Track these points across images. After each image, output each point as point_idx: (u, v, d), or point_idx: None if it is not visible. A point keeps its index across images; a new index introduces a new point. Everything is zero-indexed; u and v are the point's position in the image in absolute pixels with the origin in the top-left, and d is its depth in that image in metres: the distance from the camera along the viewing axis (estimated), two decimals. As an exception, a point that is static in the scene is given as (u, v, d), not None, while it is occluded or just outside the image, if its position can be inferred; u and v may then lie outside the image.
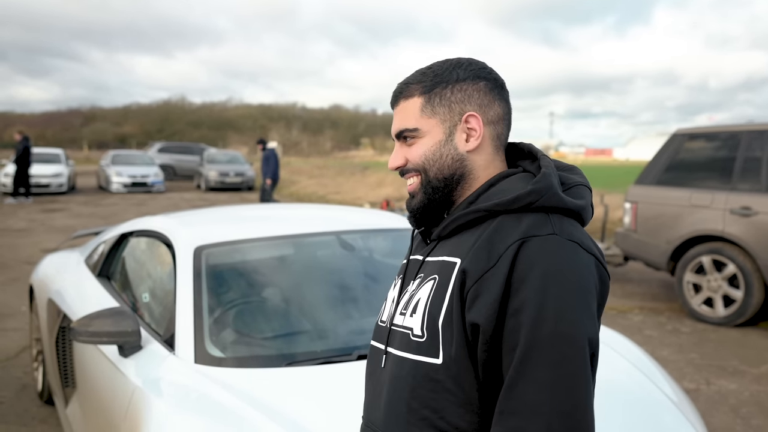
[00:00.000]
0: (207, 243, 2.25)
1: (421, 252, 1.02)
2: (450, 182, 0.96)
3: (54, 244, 7.80)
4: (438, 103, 0.95)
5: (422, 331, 0.90)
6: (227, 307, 2.13)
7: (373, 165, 26.47)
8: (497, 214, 0.90)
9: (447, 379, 0.87)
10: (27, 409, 3.19)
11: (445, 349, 0.87)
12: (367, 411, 1.03)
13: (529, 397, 0.79)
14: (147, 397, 1.71)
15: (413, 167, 0.98)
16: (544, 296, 0.81)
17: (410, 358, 0.92)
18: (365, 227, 2.68)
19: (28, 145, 13.87)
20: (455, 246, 0.92)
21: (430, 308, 0.90)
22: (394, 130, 1.00)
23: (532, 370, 0.80)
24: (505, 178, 0.96)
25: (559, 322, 0.80)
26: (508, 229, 0.87)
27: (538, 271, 0.81)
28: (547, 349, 0.79)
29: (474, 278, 0.85)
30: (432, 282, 0.92)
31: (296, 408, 1.59)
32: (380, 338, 1.03)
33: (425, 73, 0.97)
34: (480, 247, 0.87)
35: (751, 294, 4.81)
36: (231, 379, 1.72)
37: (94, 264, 2.95)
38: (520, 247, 0.83)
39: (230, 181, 18.61)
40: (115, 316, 1.96)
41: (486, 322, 0.83)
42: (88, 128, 64.92)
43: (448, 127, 0.95)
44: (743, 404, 3.46)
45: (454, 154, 0.95)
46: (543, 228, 0.85)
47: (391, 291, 1.07)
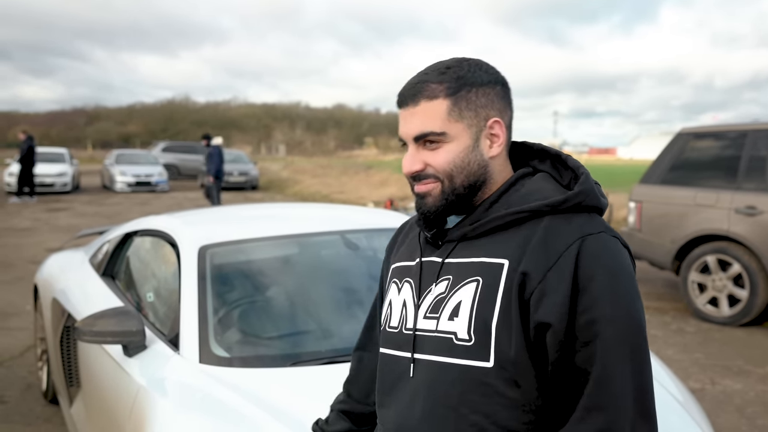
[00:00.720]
0: (211, 242, 2.25)
1: (434, 254, 0.98)
2: (473, 188, 0.94)
3: (58, 244, 7.82)
4: (465, 107, 0.92)
5: (469, 334, 0.88)
6: (232, 306, 2.13)
7: (376, 164, 26.48)
8: (542, 214, 0.90)
9: (499, 381, 0.86)
10: (31, 409, 3.20)
11: (501, 351, 0.86)
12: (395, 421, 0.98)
13: (617, 390, 0.82)
14: (151, 396, 1.71)
15: (435, 174, 0.94)
16: (615, 291, 0.84)
17: (456, 363, 0.89)
18: (369, 226, 2.67)
19: (33, 145, 13.92)
20: (491, 247, 0.91)
21: (479, 311, 0.88)
22: (413, 132, 0.94)
23: (619, 363, 0.82)
24: (522, 179, 0.96)
25: (631, 315, 0.84)
26: (563, 229, 0.88)
27: (603, 267, 0.84)
28: (626, 341, 0.83)
29: (537, 279, 0.85)
30: (474, 284, 0.90)
31: (301, 408, 1.59)
32: (398, 346, 0.99)
33: (445, 73, 0.93)
34: (536, 248, 0.87)
35: (756, 293, 4.79)
36: (236, 379, 1.72)
37: (98, 263, 2.95)
38: (581, 245, 0.85)
39: (234, 181, 18.63)
40: (120, 316, 1.96)
41: (558, 321, 0.83)
42: (92, 127, 65.14)
43: (474, 132, 0.93)
44: (748, 404, 3.45)
45: (480, 160, 0.94)
46: (593, 226, 0.88)
47: (396, 295, 1.03)
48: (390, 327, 1.02)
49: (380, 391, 1.04)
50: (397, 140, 0.99)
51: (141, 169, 17.82)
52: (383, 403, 1.02)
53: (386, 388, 1.01)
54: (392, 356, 1.00)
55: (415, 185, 0.97)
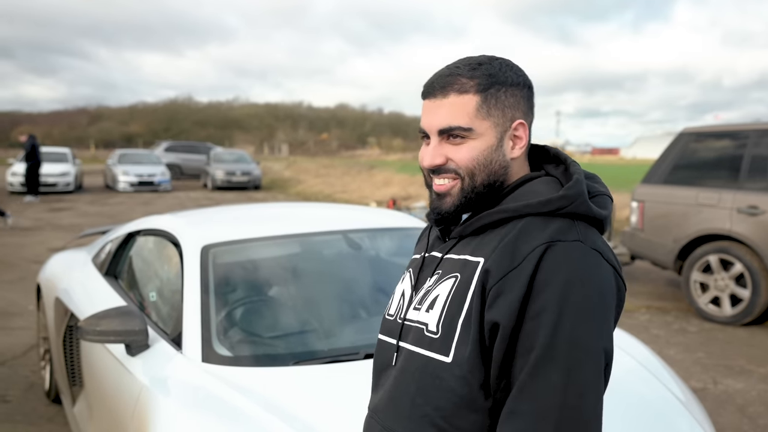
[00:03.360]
0: (214, 242, 2.26)
1: (439, 249, 1.00)
2: (492, 188, 0.93)
3: (61, 243, 7.84)
4: (494, 105, 0.91)
5: (437, 327, 0.90)
6: (234, 306, 2.13)
7: (379, 164, 26.48)
8: (524, 215, 0.89)
9: (452, 378, 0.87)
10: (34, 408, 3.21)
11: (458, 348, 0.87)
12: (373, 402, 1.03)
13: (540, 400, 0.80)
14: (154, 396, 1.71)
15: (456, 169, 0.93)
16: (565, 302, 0.81)
17: (421, 353, 0.91)
18: (372, 226, 2.68)
19: (36, 144, 13.96)
20: (478, 245, 0.91)
21: (450, 306, 0.89)
22: (439, 124, 0.92)
23: (545, 374, 0.80)
24: (529, 181, 0.95)
25: (577, 329, 0.81)
26: (535, 232, 0.86)
27: (561, 276, 0.82)
28: (562, 354, 0.80)
29: (496, 277, 0.85)
30: (453, 280, 0.91)
31: (303, 407, 1.59)
32: (390, 332, 1.02)
33: (477, 69, 0.92)
34: (505, 247, 0.86)
35: (758, 293, 4.78)
36: (238, 378, 1.73)
37: (101, 263, 2.96)
38: (546, 250, 0.83)
39: (237, 180, 18.65)
40: (123, 316, 1.96)
41: (506, 321, 0.82)
42: (94, 127, 65.25)
43: (499, 132, 0.92)
44: (750, 404, 3.44)
45: (502, 160, 0.93)
46: (569, 234, 0.85)
47: (400, 284, 1.06)
48: (388, 315, 1.04)
49: (373, 375, 1.06)
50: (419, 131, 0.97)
51: (144, 168, 17.84)
52: (372, 387, 1.05)
53: (374, 370, 1.05)
54: (382, 341, 1.03)
55: (434, 180, 0.95)
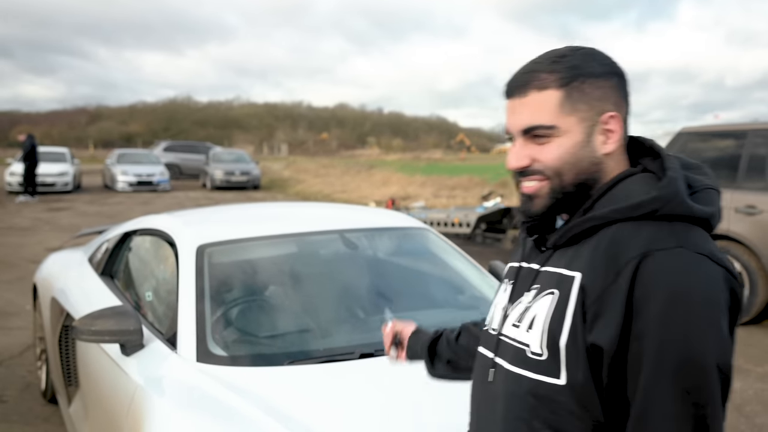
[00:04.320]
0: (209, 242, 2.25)
1: (535, 260, 0.94)
2: (583, 187, 0.87)
3: (59, 243, 7.83)
4: (578, 99, 0.85)
5: (541, 348, 0.85)
6: (230, 305, 2.13)
7: (378, 164, 26.48)
8: (613, 221, 0.82)
9: (571, 401, 0.82)
10: (30, 408, 3.21)
11: (570, 370, 0.82)
12: (476, 421, 0.99)
13: (658, 428, 0.76)
14: (149, 395, 1.71)
15: (543, 170, 0.88)
16: (669, 320, 0.74)
17: (529, 376, 0.86)
18: (369, 226, 2.67)
19: (35, 143, 13.95)
20: (573, 257, 0.85)
21: (551, 326, 0.84)
22: (521, 124, 0.88)
23: (660, 402, 0.75)
24: (624, 179, 0.88)
25: (686, 348, 0.74)
26: (627, 241, 0.79)
27: (662, 290, 0.75)
28: (674, 378, 0.75)
29: (593, 297, 0.79)
30: (551, 297, 0.85)
31: (298, 406, 1.59)
32: (490, 347, 0.98)
33: (557, 62, 0.86)
34: (596, 262, 0.80)
35: (755, 293, 4.78)
36: (233, 378, 1.73)
37: (97, 263, 2.96)
38: (641, 262, 0.76)
39: (236, 180, 18.64)
40: (117, 315, 1.96)
41: (609, 346, 0.77)
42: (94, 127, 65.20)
43: (587, 126, 0.86)
44: (747, 402, 3.44)
45: (592, 157, 0.87)
46: (668, 240, 0.78)
47: (500, 296, 1.01)
48: (492, 329, 1.00)
49: (472, 389, 1.04)
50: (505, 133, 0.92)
51: (142, 168, 17.82)
52: (472, 397, 1.03)
53: (475, 384, 1.02)
54: (484, 357, 0.99)
55: (522, 183, 0.91)
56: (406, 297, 2.41)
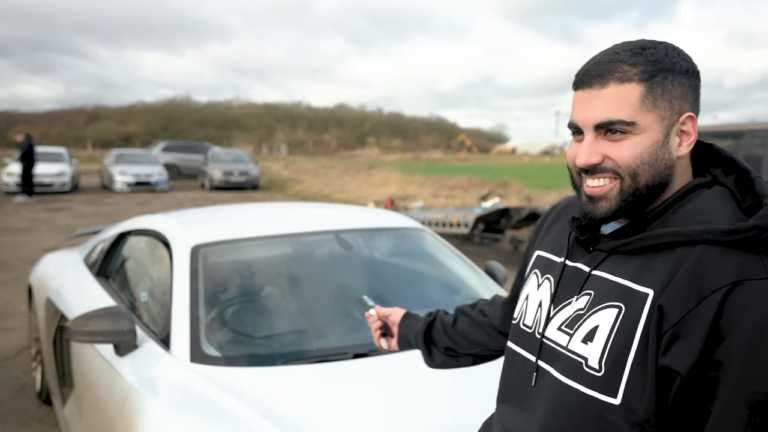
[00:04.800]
0: (204, 242, 2.25)
1: (581, 260, 0.89)
2: (656, 191, 0.83)
3: (56, 244, 7.82)
4: (660, 96, 0.80)
5: (600, 364, 0.81)
6: (224, 306, 2.12)
7: (378, 164, 26.48)
8: (698, 242, 0.78)
9: (623, 422, 0.79)
10: (26, 409, 3.20)
11: (629, 390, 0.78)
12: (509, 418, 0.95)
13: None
14: (142, 396, 1.70)
15: (615, 168, 0.82)
16: (753, 354, 0.72)
17: (580, 390, 0.82)
18: (364, 226, 2.67)
19: (32, 144, 13.94)
20: (642, 270, 0.81)
21: (615, 342, 0.80)
22: (597, 118, 0.82)
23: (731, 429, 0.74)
24: (693, 191, 0.84)
25: (764, 385, 0.72)
26: (716, 266, 0.75)
27: (748, 322, 0.72)
28: (749, 412, 0.73)
29: (673, 319, 0.75)
30: (616, 311, 0.81)
31: (291, 406, 1.58)
32: (528, 347, 0.94)
33: (640, 54, 0.81)
34: (681, 283, 0.76)
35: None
36: (226, 378, 1.72)
37: (92, 263, 2.95)
38: (730, 291, 0.73)
39: (234, 180, 18.64)
40: (111, 316, 1.95)
41: (684, 370, 0.74)
42: (92, 127, 65.18)
43: (666, 126, 0.81)
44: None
45: (668, 159, 0.82)
46: (756, 270, 0.74)
47: (535, 290, 0.96)
48: (524, 325, 0.96)
49: (504, 386, 1.00)
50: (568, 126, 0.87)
51: (141, 168, 17.80)
52: (505, 399, 0.99)
53: (511, 386, 0.97)
54: (522, 357, 0.95)
55: (586, 182, 0.85)
56: (402, 297, 2.40)
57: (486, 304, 1.25)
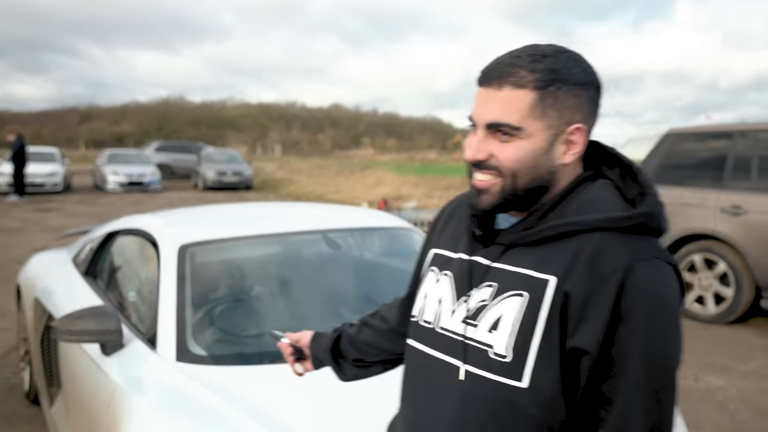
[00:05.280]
0: (191, 241, 2.25)
1: (481, 253, 0.92)
2: (535, 192, 0.88)
3: (47, 244, 7.78)
4: (551, 105, 0.84)
5: (507, 350, 0.84)
6: (211, 305, 2.13)
7: (372, 164, 26.47)
8: (596, 229, 0.84)
9: (532, 404, 0.83)
10: (14, 410, 3.19)
11: (536, 373, 0.83)
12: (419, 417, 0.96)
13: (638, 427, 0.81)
14: (128, 395, 1.71)
15: (498, 167, 0.87)
16: (653, 326, 0.80)
17: (490, 377, 0.86)
18: (353, 226, 2.68)
19: (24, 143, 13.85)
20: (542, 259, 0.85)
21: (520, 328, 0.84)
22: (488, 117, 0.86)
23: (640, 402, 0.80)
24: (582, 183, 0.89)
25: (666, 353, 0.81)
26: (613, 250, 0.82)
27: (645, 298, 0.80)
28: (654, 380, 0.81)
29: (578, 303, 0.81)
30: (519, 299, 0.85)
31: (278, 405, 1.59)
32: (431, 343, 0.95)
33: (540, 61, 0.84)
34: (582, 269, 0.82)
35: (741, 292, 4.82)
36: (212, 377, 1.73)
37: (81, 263, 2.95)
38: (628, 271, 0.80)
39: (228, 180, 18.59)
40: (97, 315, 1.95)
41: (593, 348, 0.80)
42: (85, 126, 64.77)
43: (552, 134, 0.85)
44: (730, 400, 3.48)
45: (550, 165, 0.86)
46: (647, 251, 0.82)
47: (434, 286, 0.98)
48: (424, 321, 0.98)
49: (408, 384, 1.00)
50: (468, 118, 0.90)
51: (133, 168, 17.72)
52: (410, 397, 0.99)
53: (415, 383, 0.98)
54: (422, 353, 0.96)
55: (475, 174, 0.90)
56: (389, 297, 2.41)
57: (386, 309, 1.26)
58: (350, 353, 1.24)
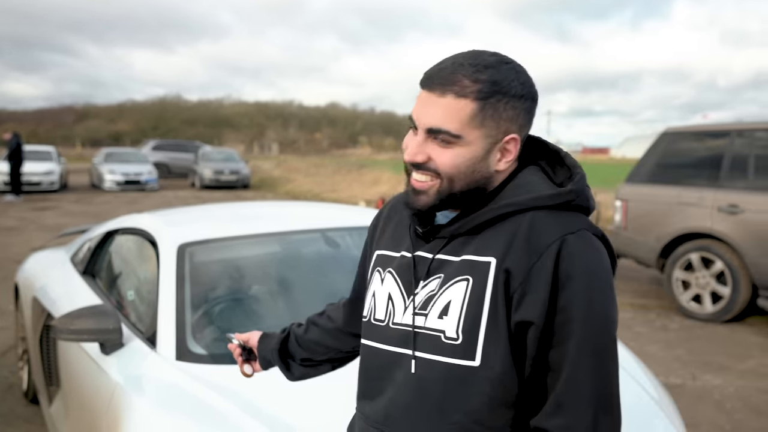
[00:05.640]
0: (191, 240, 2.25)
1: (424, 248, 0.96)
2: (470, 194, 0.92)
3: (44, 243, 7.77)
4: (490, 116, 0.87)
5: (457, 333, 0.88)
6: (210, 304, 2.13)
7: (370, 163, 26.46)
8: (528, 209, 0.89)
9: (484, 381, 0.87)
10: (12, 409, 3.18)
11: (486, 351, 0.87)
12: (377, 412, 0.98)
13: (583, 389, 0.84)
14: (127, 394, 1.71)
15: (436, 169, 0.90)
16: (590, 292, 0.85)
17: (442, 361, 0.89)
18: (351, 224, 2.68)
19: (20, 142, 13.80)
20: (482, 244, 0.90)
21: (468, 310, 0.88)
22: (429, 123, 0.89)
23: (585, 364, 0.84)
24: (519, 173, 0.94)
25: (605, 314, 0.86)
26: (546, 226, 0.87)
27: (580, 267, 0.85)
28: (596, 341, 0.85)
29: (519, 277, 0.85)
30: (465, 283, 0.89)
31: (277, 404, 1.59)
32: (386, 340, 0.97)
33: (481, 71, 0.87)
34: (520, 245, 0.86)
35: (738, 290, 4.84)
36: (212, 376, 1.73)
37: (79, 262, 2.94)
38: (562, 243, 0.85)
39: (225, 179, 18.56)
40: (97, 314, 1.95)
41: (538, 319, 0.84)
42: (81, 125, 64.60)
43: (489, 143, 0.89)
44: (727, 399, 3.49)
45: (485, 171, 0.91)
46: (576, 224, 0.88)
47: (379, 286, 1.01)
48: (375, 320, 1.00)
49: (365, 383, 1.02)
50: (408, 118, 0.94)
51: (130, 167, 17.69)
52: (368, 395, 1.01)
53: (372, 381, 1.00)
54: (378, 349, 0.98)
55: (414, 174, 0.93)
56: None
57: (333, 308, 1.28)
58: (298, 353, 1.26)
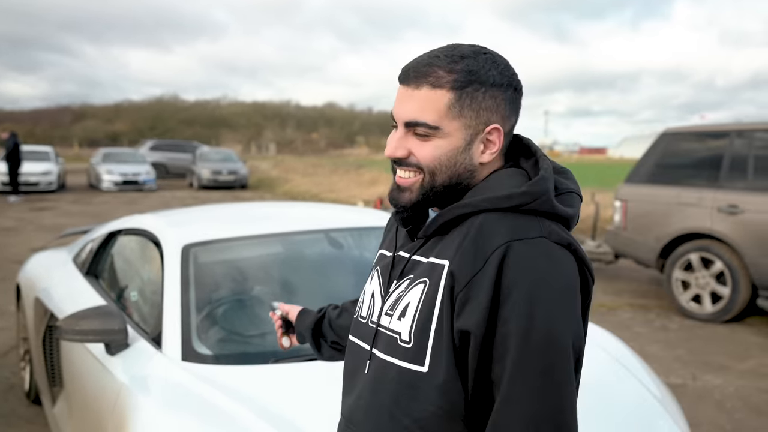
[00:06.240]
0: (195, 241, 2.25)
1: (406, 249, 0.95)
2: (454, 189, 0.89)
3: (43, 243, 7.75)
4: (467, 106, 0.85)
5: (410, 336, 0.86)
6: (215, 305, 2.13)
7: (367, 163, 26.45)
8: (482, 211, 0.85)
9: (430, 388, 0.84)
10: (14, 410, 3.18)
11: (434, 357, 0.84)
12: (348, 410, 0.98)
13: (522, 405, 0.78)
14: (133, 395, 1.71)
15: (418, 164, 0.88)
16: (533, 305, 0.78)
17: (395, 363, 0.88)
18: (354, 225, 2.68)
19: (18, 142, 13.76)
20: (444, 246, 0.87)
21: (420, 313, 0.86)
22: (407, 116, 0.87)
23: (524, 379, 0.78)
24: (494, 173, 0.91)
25: (549, 331, 0.79)
26: (493, 229, 0.82)
27: (526, 277, 0.79)
28: (537, 357, 0.78)
29: (462, 283, 0.82)
30: (422, 285, 0.87)
31: (283, 404, 1.59)
32: (362, 336, 0.98)
33: (456, 62, 0.85)
34: (465, 249, 0.83)
35: (737, 291, 4.86)
36: (218, 377, 1.73)
37: (82, 262, 2.94)
38: (507, 250, 0.80)
39: (223, 180, 18.54)
40: (102, 315, 1.95)
41: (476, 329, 0.80)
42: (78, 125, 64.44)
43: (469, 134, 0.87)
44: (728, 399, 3.50)
45: (468, 164, 0.88)
46: (531, 230, 0.82)
47: (369, 284, 1.02)
48: (360, 317, 1.01)
49: (343, 377, 1.04)
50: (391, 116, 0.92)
51: (128, 167, 17.65)
52: (344, 391, 1.03)
53: (347, 375, 1.01)
54: (356, 345, 1.00)
55: (398, 171, 0.92)
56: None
57: None
58: (330, 335, 1.28)
